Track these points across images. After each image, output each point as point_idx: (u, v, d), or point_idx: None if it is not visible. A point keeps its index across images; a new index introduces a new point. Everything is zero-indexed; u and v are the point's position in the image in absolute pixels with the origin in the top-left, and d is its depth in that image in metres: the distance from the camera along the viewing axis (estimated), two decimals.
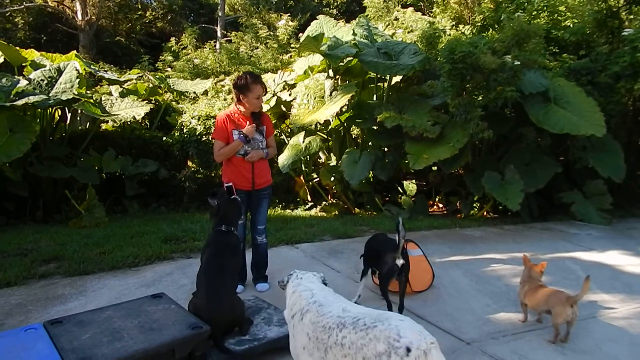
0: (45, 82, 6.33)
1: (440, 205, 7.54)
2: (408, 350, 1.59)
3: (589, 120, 5.86)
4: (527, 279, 3.08)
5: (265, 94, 3.66)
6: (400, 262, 2.96)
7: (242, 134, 3.45)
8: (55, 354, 2.13)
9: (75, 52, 8.04)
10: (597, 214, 6.13)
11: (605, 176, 6.12)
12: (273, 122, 4.84)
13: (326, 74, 7.14)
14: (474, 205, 6.87)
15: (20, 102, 5.71)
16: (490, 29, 8.20)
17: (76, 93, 6.34)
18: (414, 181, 8.09)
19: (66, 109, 7.03)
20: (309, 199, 7.61)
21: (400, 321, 1.71)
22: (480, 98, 6.06)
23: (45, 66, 6.71)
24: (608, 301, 3.52)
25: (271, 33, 13.17)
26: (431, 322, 3.10)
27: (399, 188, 7.74)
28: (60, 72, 6.49)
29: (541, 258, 4.21)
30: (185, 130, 7.51)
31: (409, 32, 9.08)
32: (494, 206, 6.66)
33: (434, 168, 7.36)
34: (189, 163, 7.79)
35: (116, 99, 7.46)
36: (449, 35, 8.63)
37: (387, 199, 7.57)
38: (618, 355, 2.74)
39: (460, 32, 9.01)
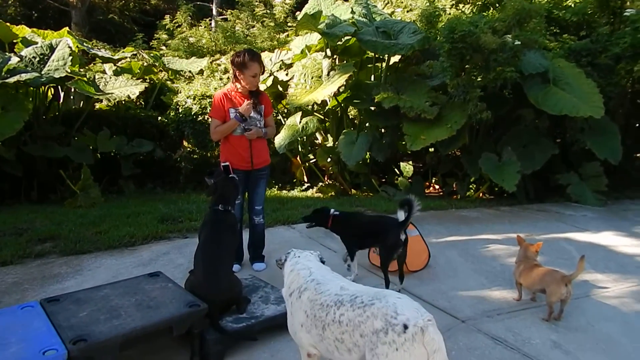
0: (37, 59, 6.19)
1: (437, 187, 7.55)
2: (405, 327, 1.60)
3: (588, 102, 5.83)
4: (523, 259, 3.11)
5: (263, 73, 3.59)
6: (403, 236, 3.06)
7: (238, 112, 3.41)
8: (53, 331, 2.12)
9: (67, 29, 7.85)
10: (593, 196, 6.17)
11: (602, 158, 6.13)
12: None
13: (324, 54, 7.03)
14: (470, 186, 6.88)
15: (12, 80, 5.58)
16: (491, 8, 8.07)
17: (69, 71, 6.21)
18: (410, 162, 8.07)
19: (59, 87, 6.90)
20: (306, 179, 7.59)
21: (398, 299, 1.72)
22: (479, 78, 6.00)
23: (37, 43, 6.55)
24: (601, 280, 3.57)
25: (268, 11, 12.91)
26: (427, 301, 3.13)
27: (396, 169, 7.73)
28: (52, 49, 6.34)
29: (536, 238, 4.22)
30: (180, 110, 7.41)
31: (408, 11, 8.93)
32: (490, 187, 6.68)
33: (431, 149, 7.34)
34: (185, 143, 7.73)
35: (110, 78, 7.32)
36: (449, 14, 8.48)
37: (384, 180, 7.56)
38: (610, 333, 2.79)
39: (460, 11, 8.86)
